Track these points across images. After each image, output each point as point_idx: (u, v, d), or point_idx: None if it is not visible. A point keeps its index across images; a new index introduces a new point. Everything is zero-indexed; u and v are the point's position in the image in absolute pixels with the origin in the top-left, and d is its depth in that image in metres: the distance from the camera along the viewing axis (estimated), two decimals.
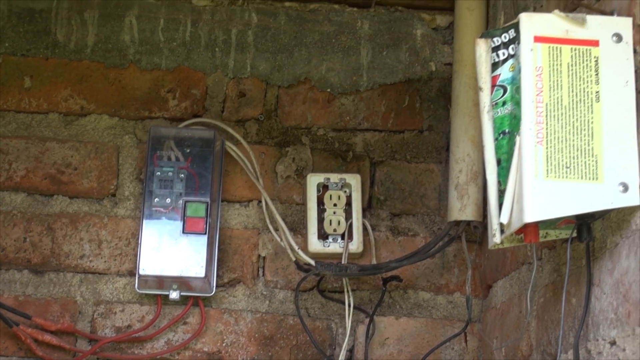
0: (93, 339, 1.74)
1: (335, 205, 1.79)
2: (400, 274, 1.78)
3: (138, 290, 1.74)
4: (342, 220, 1.78)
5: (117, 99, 1.85)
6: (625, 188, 1.05)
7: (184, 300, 1.74)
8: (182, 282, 1.71)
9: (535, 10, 1.50)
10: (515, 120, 1.10)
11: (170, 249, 1.70)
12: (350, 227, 1.78)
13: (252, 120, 1.86)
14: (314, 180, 1.80)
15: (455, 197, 1.72)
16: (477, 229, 1.75)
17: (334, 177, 1.80)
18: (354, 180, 1.80)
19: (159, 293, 1.73)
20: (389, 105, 1.87)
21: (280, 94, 1.87)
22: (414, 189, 1.84)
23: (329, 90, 1.87)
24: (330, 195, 1.79)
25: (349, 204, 1.80)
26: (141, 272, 1.69)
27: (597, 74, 1.07)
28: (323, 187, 1.80)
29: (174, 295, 1.72)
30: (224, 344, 1.76)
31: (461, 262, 1.81)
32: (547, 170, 1.05)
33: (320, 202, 1.79)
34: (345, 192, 1.80)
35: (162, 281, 1.71)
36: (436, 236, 1.75)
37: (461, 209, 1.71)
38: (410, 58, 1.89)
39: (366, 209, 1.82)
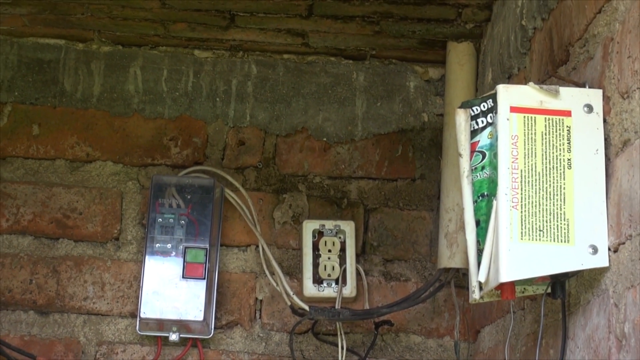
0: None
1: (329, 251, 1.86)
2: (392, 318, 1.84)
3: (139, 332, 1.81)
4: (337, 265, 1.85)
5: (122, 147, 1.93)
6: (595, 250, 1.12)
7: (183, 341, 1.81)
8: (181, 325, 1.78)
9: (519, 70, 1.58)
10: (493, 184, 1.17)
11: (171, 293, 1.77)
12: (344, 272, 1.85)
13: (250, 167, 1.93)
14: (309, 227, 1.87)
15: (445, 245, 1.79)
16: (466, 276, 1.82)
17: (329, 224, 1.87)
18: (348, 227, 1.87)
19: (159, 335, 1.80)
20: (383, 154, 1.95)
21: (278, 143, 1.95)
22: (406, 235, 1.91)
23: (325, 139, 1.95)
24: (325, 242, 1.86)
25: (343, 249, 1.87)
26: (142, 315, 1.76)
27: (569, 143, 1.14)
28: (318, 234, 1.87)
29: (173, 337, 1.79)
30: None
31: (451, 307, 1.88)
32: (522, 233, 1.12)
33: (316, 247, 1.86)
34: (339, 238, 1.87)
35: (162, 324, 1.78)
36: (427, 282, 1.82)
37: (450, 257, 1.78)
38: (403, 109, 1.96)
39: (360, 255, 1.89)
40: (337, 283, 1.85)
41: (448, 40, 1.89)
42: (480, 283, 1.18)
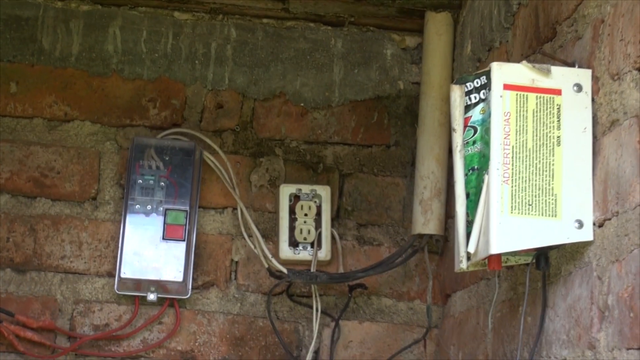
0: (72, 336, 1.83)
1: (306, 215, 1.89)
2: (365, 282, 1.89)
3: (117, 292, 1.83)
4: (312, 229, 1.89)
5: (100, 107, 1.93)
6: (581, 225, 1.17)
7: (160, 301, 1.84)
8: (160, 285, 1.81)
9: (500, 44, 1.61)
10: (484, 158, 1.21)
11: (151, 254, 1.79)
12: (319, 236, 1.89)
13: (228, 131, 1.95)
14: (286, 191, 1.90)
15: (419, 212, 1.84)
16: (439, 242, 1.87)
17: (306, 188, 1.90)
18: (324, 192, 1.91)
19: (137, 294, 1.83)
20: (359, 120, 1.98)
21: (256, 107, 1.97)
22: (380, 201, 1.95)
23: (302, 104, 1.97)
24: (302, 206, 1.89)
25: (318, 213, 1.90)
26: (122, 275, 1.79)
27: (559, 121, 1.19)
28: (295, 197, 1.90)
29: (151, 297, 1.81)
30: (196, 344, 1.86)
31: (422, 271, 1.93)
32: (512, 207, 1.17)
33: (292, 211, 1.89)
34: (315, 202, 1.90)
35: (140, 284, 1.80)
36: (401, 247, 1.86)
37: (425, 223, 1.83)
38: (380, 76, 1.99)
39: (334, 219, 1.93)
40: (312, 246, 1.88)
41: (426, 10, 1.92)
42: (468, 253, 1.22)
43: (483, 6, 1.70)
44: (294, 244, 1.88)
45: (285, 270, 1.80)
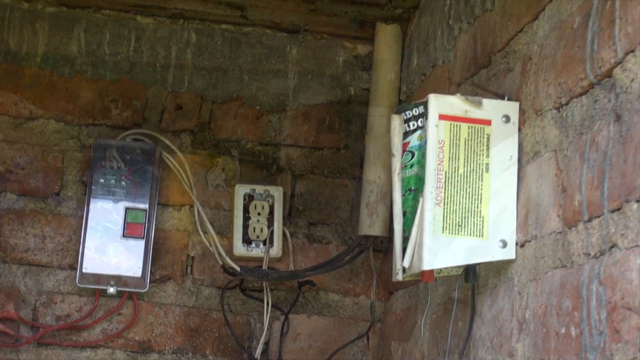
0: (35, 326, 1.93)
1: (259, 214, 2.00)
2: (313, 278, 2.00)
3: (79, 285, 1.93)
4: (265, 228, 2.00)
5: (64, 106, 2.02)
6: (504, 244, 1.29)
7: (119, 293, 1.94)
8: (119, 280, 1.91)
9: (443, 63, 1.73)
10: (420, 181, 1.32)
11: (111, 251, 1.89)
12: (271, 234, 2.00)
13: (187, 131, 2.05)
14: (241, 191, 2.01)
15: (365, 214, 1.95)
16: (383, 243, 1.99)
17: (259, 189, 2.01)
18: (277, 192, 2.02)
19: (97, 287, 1.93)
20: (311, 124, 2.09)
21: (213, 109, 2.07)
22: (330, 201, 2.07)
23: (258, 107, 2.08)
24: (255, 205, 2.00)
25: (271, 212, 2.01)
26: (84, 270, 1.89)
27: (488, 149, 1.30)
28: (249, 197, 2.01)
29: (111, 290, 1.92)
30: (153, 334, 1.97)
31: (367, 269, 2.05)
32: (443, 227, 1.28)
33: (246, 210, 2.00)
34: (268, 202, 2.01)
35: (101, 278, 1.90)
36: (348, 247, 1.98)
37: (370, 225, 1.95)
38: (332, 82, 2.10)
39: (286, 218, 2.04)
40: (264, 244, 1.99)
41: (377, 22, 2.02)
42: (404, 267, 1.34)
43: (429, 25, 1.81)
44: (247, 241, 1.99)
45: (238, 268, 1.91)
